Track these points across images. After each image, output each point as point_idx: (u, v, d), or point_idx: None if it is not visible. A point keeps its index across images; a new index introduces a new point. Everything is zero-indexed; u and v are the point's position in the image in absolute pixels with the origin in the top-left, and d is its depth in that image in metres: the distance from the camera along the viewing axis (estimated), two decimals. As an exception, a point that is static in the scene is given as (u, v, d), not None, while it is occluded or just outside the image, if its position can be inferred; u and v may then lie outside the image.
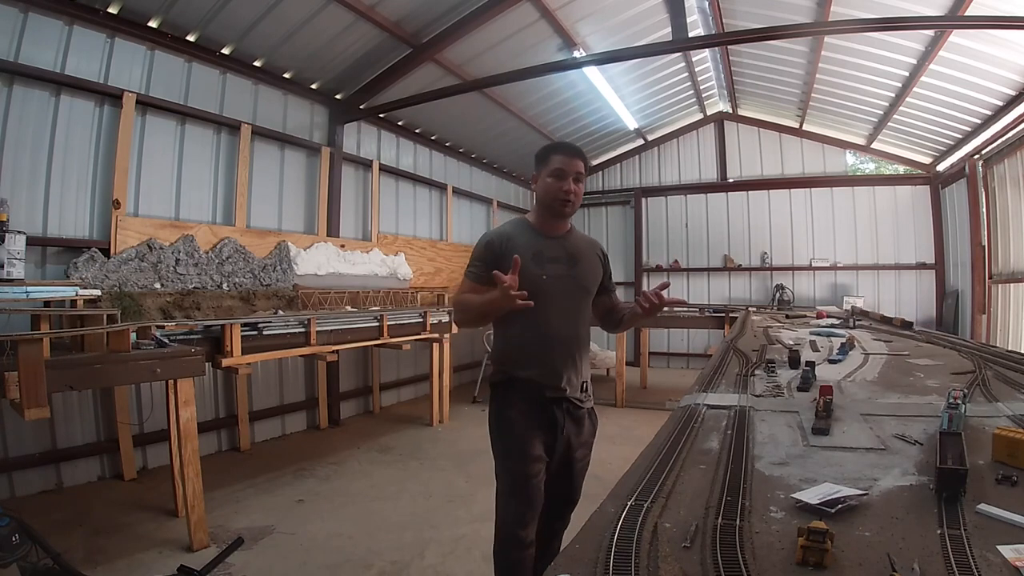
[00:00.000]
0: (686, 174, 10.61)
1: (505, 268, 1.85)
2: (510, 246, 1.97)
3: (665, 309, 2.04)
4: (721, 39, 6.56)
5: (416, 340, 5.75)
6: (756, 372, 2.62)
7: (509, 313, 1.91)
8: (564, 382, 1.98)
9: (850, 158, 9.62)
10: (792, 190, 9.78)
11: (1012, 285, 6.59)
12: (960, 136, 7.48)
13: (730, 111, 10.03)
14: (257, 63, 5.52)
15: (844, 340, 3.60)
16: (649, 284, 10.71)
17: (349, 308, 5.82)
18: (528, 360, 1.97)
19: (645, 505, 1.15)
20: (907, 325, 4.72)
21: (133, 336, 3.05)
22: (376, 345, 5.35)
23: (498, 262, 1.93)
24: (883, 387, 2.30)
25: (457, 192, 8.79)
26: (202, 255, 4.89)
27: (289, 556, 3.12)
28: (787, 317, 6.13)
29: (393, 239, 7.31)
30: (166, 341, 3.25)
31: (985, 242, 7.10)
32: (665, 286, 1.98)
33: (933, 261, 8.89)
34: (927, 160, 8.84)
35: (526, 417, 1.95)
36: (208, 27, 4.86)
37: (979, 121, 6.84)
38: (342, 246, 6.36)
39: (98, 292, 3.69)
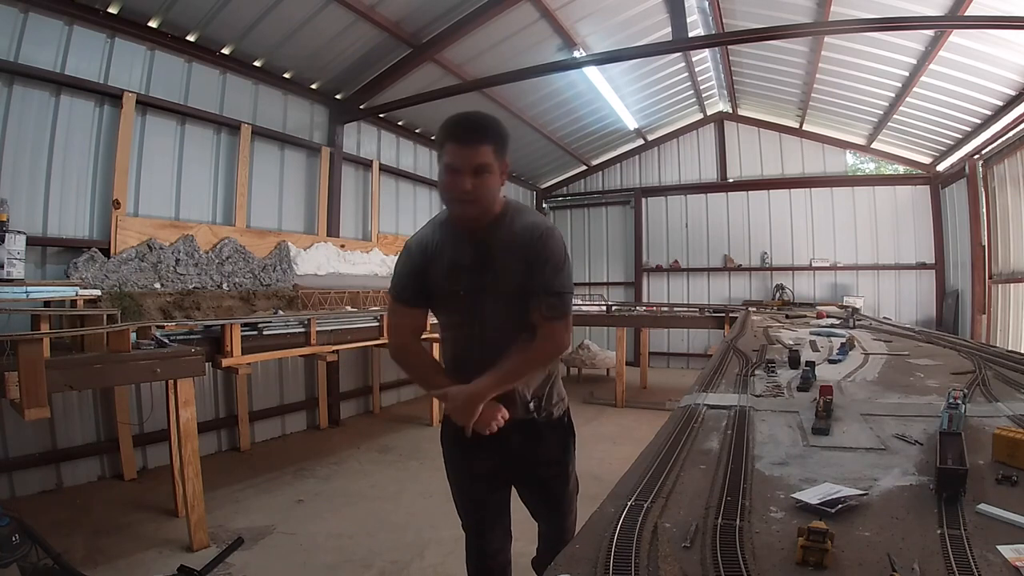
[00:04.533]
0: (686, 174, 10.61)
1: (428, 283, 1.66)
2: (429, 258, 1.67)
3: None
4: (721, 39, 6.56)
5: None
6: (756, 372, 2.61)
7: (441, 331, 1.77)
8: (505, 398, 1.67)
9: (850, 158, 9.62)
10: (792, 190, 9.78)
11: (1012, 285, 6.59)
12: (960, 136, 7.48)
13: (730, 111, 10.03)
14: (257, 63, 5.52)
15: (844, 340, 3.60)
16: (649, 284, 10.71)
17: (349, 308, 5.83)
18: (461, 379, 1.66)
19: (645, 505, 1.15)
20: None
21: (133, 336, 3.05)
22: (376, 345, 5.35)
23: (420, 279, 1.68)
24: (883, 387, 2.30)
25: (457, 192, 8.77)
26: (202, 255, 4.89)
27: (289, 556, 3.12)
28: (787, 317, 6.12)
29: (393, 239, 7.31)
30: (166, 341, 3.25)
31: (985, 242, 7.10)
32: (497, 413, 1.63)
33: (933, 261, 8.89)
34: (927, 160, 8.84)
35: (467, 438, 1.66)
36: (208, 27, 4.86)
37: (979, 121, 6.84)
38: (342, 246, 6.37)
39: (98, 292, 3.70)
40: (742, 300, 9.51)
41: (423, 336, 1.88)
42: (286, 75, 5.86)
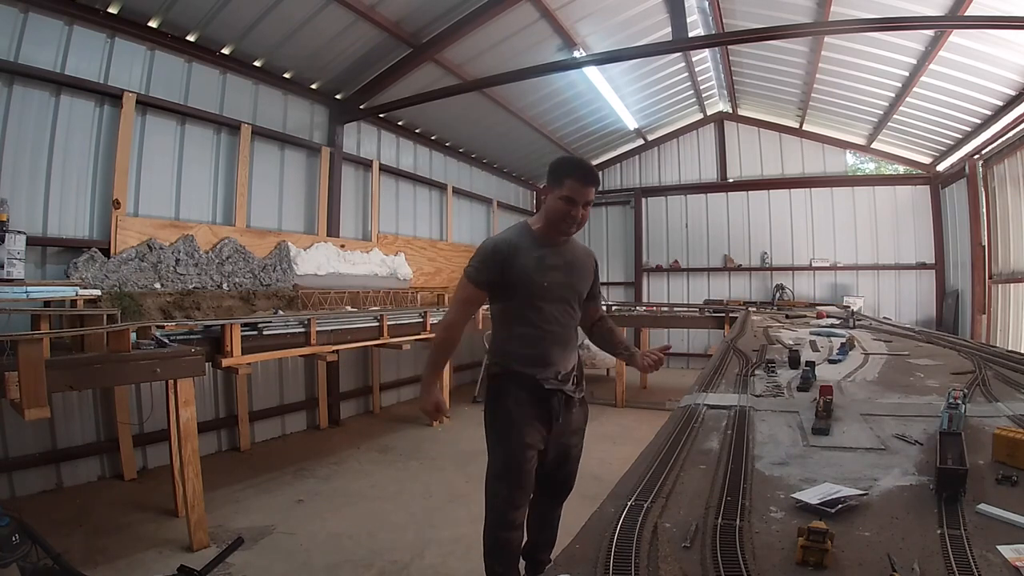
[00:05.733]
0: (686, 174, 10.61)
1: (510, 274, 2.05)
2: (515, 254, 2.09)
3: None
4: (721, 39, 6.56)
5: (416, 340, 5.74)
6: (756, 372, 2.62)
7: (510, 313, 2.14)
8: (558, 375, 2.13)
9: (850, 158, 9.62)
10: (792, 190, 9.78)
11: (1012, 285, 6.58)
12: (960, 136, 7.48)
13: (730, 111, 10.03)
14: (257, 63, 5.52)
15: (844, 340, 3.60)
16: (649, 284, 10.72)
17: (349, 308, 5.82)
18: (526, 355, 2.10)
19: (645, 505, 1.15)
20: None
21: (133, 336, 3.05)
22: (376, 345, 5.34)
23: (503, 267, 2.07)
24: (883, 387, 2.30)
25: (457, 192, 8.79)
26: (202, 255, 4.89)
27: (289, 556, 3.12)
28: (787, 317, 6.13)
29: (393, 239, 7.31)
30: (166, 341, 3.24)
31: (985, 242, 7.10)
32: (667, 348, 2.23)
33: (933, 261, 8.89)
34: (927, 160, 8.84)
35: (523, 406, 2.08)
36: (208, 27, 4.86)
37: (979, 121, 6.84)
38: (342, 246, 6.36)
39: (98, 292, 3.70)
40: (704, 300, 9.50)
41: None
42: (286, 75, 5.86)
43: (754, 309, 7.32)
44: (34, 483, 3.90)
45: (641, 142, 10.70)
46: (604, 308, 2.43)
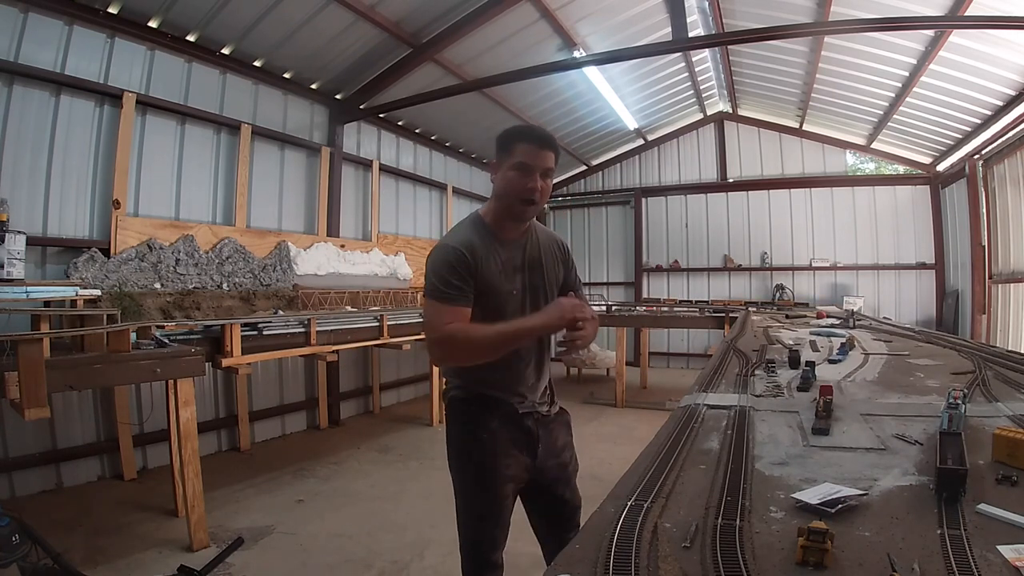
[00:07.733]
0: (686, 174, 10.61)
1: (479, 284, 1.66)
2: (477, 259, 1.67)
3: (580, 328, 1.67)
4: (721, 39, 6.56)
5: (416, 340, 5.75)
6: (756, 372, 2.61)
7: None
8: (531, 394, 1.82)
9: (850, 158, 9.62)
10: (792, 190, 9.77)
11: (1012, 285, 6.58)
12: (960, 136, 7.47)
13: (730, 111, 10.03)
14: (257, 63, 5.52)
15: (844, 340, 3.60)
16: (649, 284, 10.72)
17: (349, 308, 5.83)
18: (496, 376, 1.75)
19: (645, 505, 1.15)
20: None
21: (133, 336, 3.05)
22: (376, 345, 5.35)
23: (471, 280, 1.65)
24: (883, 387, 2.30)
25: (457, 192, 8.79)
26: (202, 255, 4.89)
27: (289, 556, 3.12)
28: (787, 317, 6.12)
29: (393, 239, 7.32)
30: (166, 341, 3.25)
31: (985, 242, 7.09)
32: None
33: (933, 261, 8.88)
34: (927, 160, 8.84)
35: (498, 435, 1.76)
36: (208, 27, 4.86)
37: (979, 121, 6.84)
38: (342, 246, 6.37)
39: (98, 292, 3.70)
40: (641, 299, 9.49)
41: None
42: (286, 75, 5.86)
43: (754, 309, 7.30)
44: (34, 483, 3.91)
45: (641, 142, 10.70)
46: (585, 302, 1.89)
